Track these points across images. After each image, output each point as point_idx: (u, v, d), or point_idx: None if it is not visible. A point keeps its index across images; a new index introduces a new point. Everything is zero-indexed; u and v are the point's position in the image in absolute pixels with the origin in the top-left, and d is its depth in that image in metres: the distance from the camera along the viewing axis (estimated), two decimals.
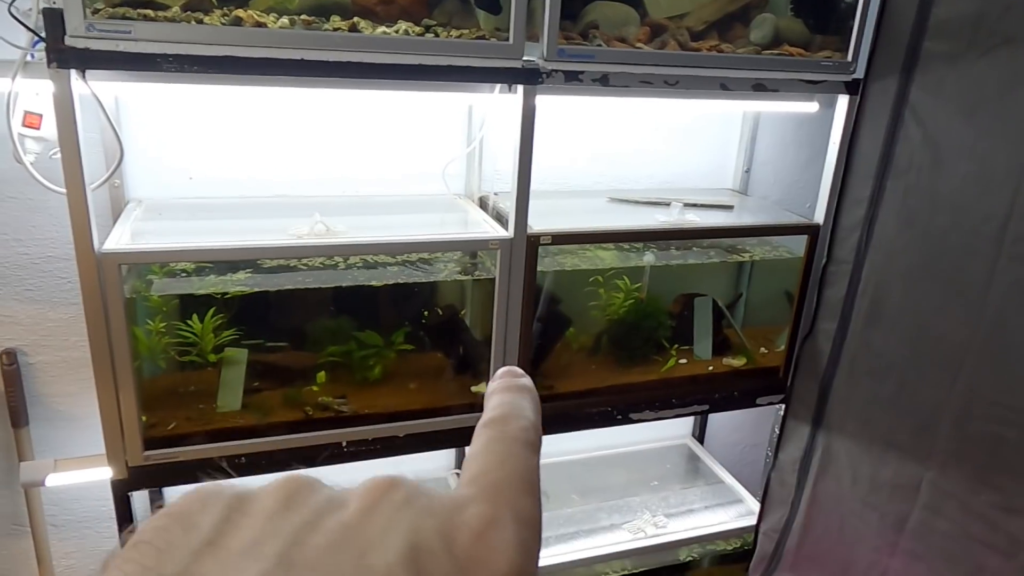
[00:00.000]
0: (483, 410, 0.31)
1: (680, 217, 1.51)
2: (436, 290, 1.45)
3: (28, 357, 1.46)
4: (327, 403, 1.38)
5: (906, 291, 1.30)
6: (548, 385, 1.52)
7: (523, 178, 1.29)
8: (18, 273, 1.40)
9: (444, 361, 1.47)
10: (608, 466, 1.98)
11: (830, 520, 1.49)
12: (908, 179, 1.28)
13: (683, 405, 1.62)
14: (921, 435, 1.27)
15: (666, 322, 1.60)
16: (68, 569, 1.63)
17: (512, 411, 0.30)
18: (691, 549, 1.78)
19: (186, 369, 1.30)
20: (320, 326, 1.39)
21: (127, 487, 1.26)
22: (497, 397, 0.32)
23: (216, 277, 1.30)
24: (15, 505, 1.54)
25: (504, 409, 0.30)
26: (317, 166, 1.51)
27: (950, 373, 1.20)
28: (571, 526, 1.72)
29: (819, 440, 1.52)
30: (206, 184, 1.46)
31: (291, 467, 1.35)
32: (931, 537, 1.26)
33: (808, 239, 1.55)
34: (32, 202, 1.36)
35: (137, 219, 1.31)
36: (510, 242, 1.32)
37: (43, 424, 1.50)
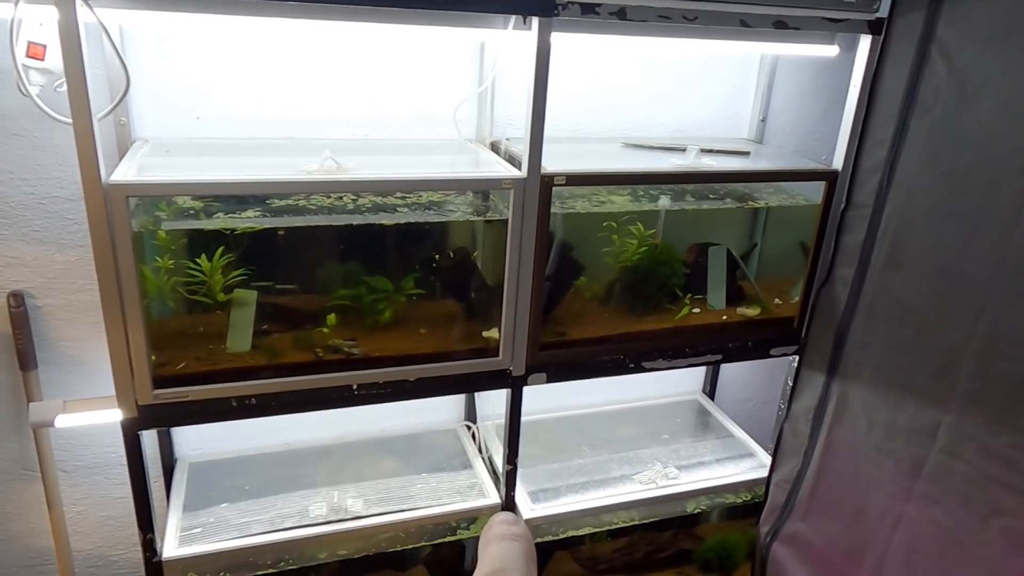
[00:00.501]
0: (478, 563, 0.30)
1: (696, 161, 1.48)
2: (447, 234, 1.43)
3: (36, 300, 1.44)
4: (337, 345, 1.36)
5: (928, 231, 1.27)
6: (560, 331, 1.50)
7: (537, 116, 1.26)
8: (24, 213, 1.38)
9: (455, 306, 1.46)
10: (619, 420, 1.97)
11: (844, 468, 1.47)
12: (933, 116, 1.25)
13: (696, 354, 1.60)
14: (940, 378, 1.25)
15: (680, 270, 1.58)
16: (79, 515, 1.63)
17: (506, 563, 0.29)
18: (702, 500, 1.77)
19: (195, 310, 1.29)
20: (330, 269, 1.37)
21: (136, 426, 1.25)
22: (492, 548, 0.31)
23: (225, 216, 1.27)
24: (25, 450, 1.53)
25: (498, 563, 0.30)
26: (327, 108, 1.48)
27: (972, 313, 1.18)
28: (582, 476, 1.71)
29: (834, 388, 1.51)
30: (214, 124, 1.43)
31: (301, 409, 1.34)
32: (948, 480, 1.25)
33: (826, 186, 1.52)
34: (37, 140, 1.33)
35: (144, 156, 1.29)
36: (523, 182, 1.30)
37: (52, 368, 1.49)
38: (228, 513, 1.50)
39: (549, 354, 1.47)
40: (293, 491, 1.58)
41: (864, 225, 1.41)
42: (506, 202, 1.33)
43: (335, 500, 1.53)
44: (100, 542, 1.68)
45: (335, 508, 1.51)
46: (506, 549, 0.29)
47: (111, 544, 1.69)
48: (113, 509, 1.65)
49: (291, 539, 1.43)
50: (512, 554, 0.28)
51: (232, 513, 1.50)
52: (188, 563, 1.38)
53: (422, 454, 1.75)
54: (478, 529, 1.61)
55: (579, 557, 1.80)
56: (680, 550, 1.87)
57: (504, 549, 0.29)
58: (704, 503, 1.80)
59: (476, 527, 1.61)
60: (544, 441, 1.85)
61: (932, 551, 1.27)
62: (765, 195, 1.65)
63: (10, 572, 1.63)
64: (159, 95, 1.38)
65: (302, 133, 1.48)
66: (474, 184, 1.38)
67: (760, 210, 1.69)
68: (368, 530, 1.48)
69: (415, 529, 1.54)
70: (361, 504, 1.53)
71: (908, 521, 1.32)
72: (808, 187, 1.61)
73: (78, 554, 1.65)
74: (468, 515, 1.57)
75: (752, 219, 1.71)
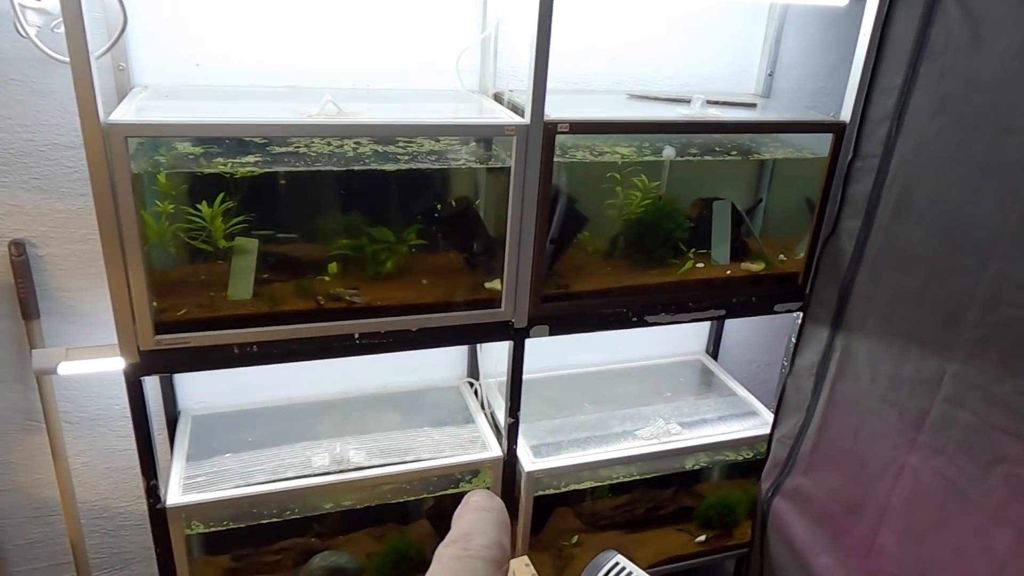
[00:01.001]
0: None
1: (701, 112, 1.46)
2: (449, 183, 1.42)
3: (37, 249, 1.44)
4: (339, 294, 1.36)
5: (937, 179, 1.25)
6: (563, 284, 1.50)
7: (541, 57, 1.24)
8: (24, 160, 1.37)
9: (457, 257, 1.45)
10: (621, 378, 1.97)
11: (846, 421, 1.47)
12: (944, 61, 1.23)
13: (699, 309, 1.59)
14: (946, 327, 1.24)
15: (684, 224, 1.56)
16: (83, 466, 1.64)
17: (475, 530, 0.29)
18: (704, 457, 1.78)
19: (196, 257, 1.28)
20: (331, 219, 1.36)
21: (139, 371, 1.26)
22: (464, 518, 0.30)
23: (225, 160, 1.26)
24: (29, 400, 1.54)
25: (467, 528, 0.29)
26: (328, 57, 1.47)
27: (980, 260, 1.17)
28: (584, 431, 1.71)
29: (838, 342, 1.50)
30: (213, 71, 1.41)
31: (303, 358, 1.34)
32: (951, 430, 1.24)
33: (833, 138, 1.51)
34: (36, 85, 1.32)
35: (143, 100, 1.28)
36: (527, 128, 1.28)
37: (54, 318, 1.49)
38: (231, 463, 1.51)
39: (551, 306, 1.46)
40: (296, 443, 1.58)
41: (871, 176, 1.39)
42: (509, 151, 1.31)
43: (337, 451, 1.53)
44: (105, 493, 1.69)
45: (337, 459, 1.52)
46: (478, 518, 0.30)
47: (116, 496, 1.70)
48: (117, 461, 1.66)
49: (294, 488, 1.44)
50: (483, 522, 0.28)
51: (235, 463, 1.51)
52: (191, 511, 1.39)
53: (424, 409, 1.75)
54: (480, 482, 1.62)
55: (580, 513, 1.81)
56: (681, 507, 1.88)
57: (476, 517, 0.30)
58: (706, 459, 1.80)
59: (478, 480, 1.62)
60: (546, 398, 1.85)
61: (934, 500, 1.27)
62: (771, 148, 1.63)
63: (16, 522, 1.64)
64: (158, 41, 1.37)
65: (303, 82, 1.47)
66: (476, 130, 1.36)
67: (766, 164, 1.67)
68: (370, 481, 1.49)
69: (418, 481, 1.55)
70: (364, 456, 1.54)
71: (910, 472, 1.32)
72: (814, 140, 1.59)
73: (83, 505, 1.67)
74: (470, 468, 1.58)
75: (758, 174, 1.69)
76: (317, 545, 1.60)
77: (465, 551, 0.24)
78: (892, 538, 1.36)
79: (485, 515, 0.26)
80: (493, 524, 0.26)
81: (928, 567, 1.28)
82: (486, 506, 0.26)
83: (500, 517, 0.26)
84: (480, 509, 0.26)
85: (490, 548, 0.24)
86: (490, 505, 0.26)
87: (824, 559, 1.50)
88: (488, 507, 0.26)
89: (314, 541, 1.60)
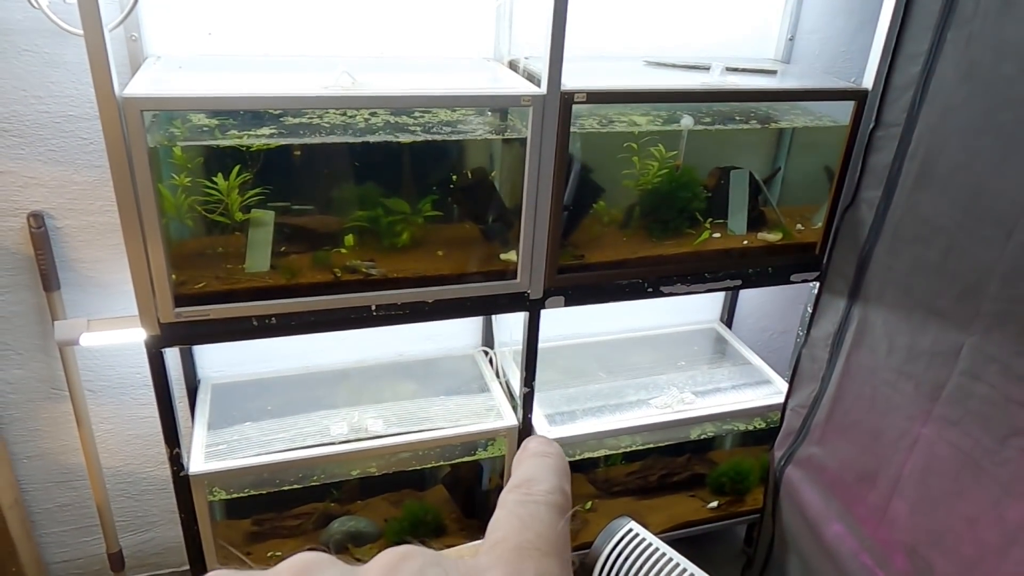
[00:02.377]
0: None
1: (721, 79, 1.43)
2: (465, 154, 1.41)
3: (55, 221, 1.45)
4: (356, 266, 1.36)
5: (961, 149, 1.23)
6: (578, 255, 1.49)
7: (558, 25, 1.22)
8: (39, 132, 1.37)
9: (473, 228, 1.45)
10: (636, 347, 1.97)
11: (862, 392, 1.47)
12: (972, 27, 1.19)
13: (715, 279, 1.59)
14: (966, 299, 1.23)
15: (701, 194, 1.55)
16: (106, 432, 1.68)
17: (537, 474, 0.29)
18: (717, 425, 1.79)
19: (213, 229, 1.29)
20: (346, 190, 1.36)
21: (160, 343, 1.27)
22: (524, 463, 0.30)
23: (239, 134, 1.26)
24: (52, 369, 1.57)
25: (529, 473, 0.29)
26: (341, 24, 1.45)
27: (1003, 231, 1.15)
28: (598, 400, 1.73)
29: (855, 313, 1.49)
30: (225, 41, 1.40)
31: (321, 329, 1.35)
32: (968, 402, 1.24)
33: (855, 105, 1.48)
34: (49, 55, 1.31)
35: (157, 71, 1.27)
36: (543, 98, 1.26)
37: (74, 289, 1.50)
38: (251, 432, 1.53)
39: (567, 277, 1.46)
40: (314, 411, 1.61)
41: (893, 145, 1.37)
42: (524, 121, 1.30)
43: (355, 420, 1.55)
44: (128, 459, 1.73)
45: (355, 428, 1.54)
46: (538, 464, 0.30)
47: (139, 461, 1.74)
48: (140, 428, 1.70)
49: (313, 456, 1.47)
50: (543, 467, 0.29)
51: (255, 431, 1.53)
52: (213, 478, 1.42)
53: (440, 378, 1.77)
54: (495, 450, 1.64)
55: (594, 479, 1.84)
56: (694, 474, 1.90)
57: (536, 464, 0.30)
58: (719, 428, 1.81)
59: (493, 448, 1.64)
60: (561, 367, 1.86)
61: (947, 472, 1.28)
62: (791, 116, 1.60)
63: (44, 486, 1.69)
64: (170, 10, 1.35)
65: (315, 50, 1.45)
66: (492, 100, 1.35)
67: (785, 132, 1.65)
68: (388, 449, 1.51)
69: (434, 449, 1.57)
70: (381, 424, 1.56)
71: (925, 443, 1.33)
72: (835, 108, 1.56)
73: (108, 470, 1.71)
74: (486, 436, 1.60)
75: (776, 142, 1.67)
76: (336, 510, 1.64)
77: (528, 496, 0.24)
78: (904, 507, 1.37)
79: (545, 461, 0.27)
80: (553, 470, 0.27)
81: (940, 536, 1.29)
82: (545, 452, 0.27)
83: (560, 463, 0.27)
84: (539, 455, 0.27)
85: (552, 493, 0.25)
86: (549, 451, 0.27)
87: (836, 527, 1.51)
88: (547, 452, 0.27)
89: (333, 506, 1.64)
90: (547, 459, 0.30)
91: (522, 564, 0.24)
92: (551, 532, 0.26)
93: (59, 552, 1.78)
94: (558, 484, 0.29)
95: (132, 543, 1.82)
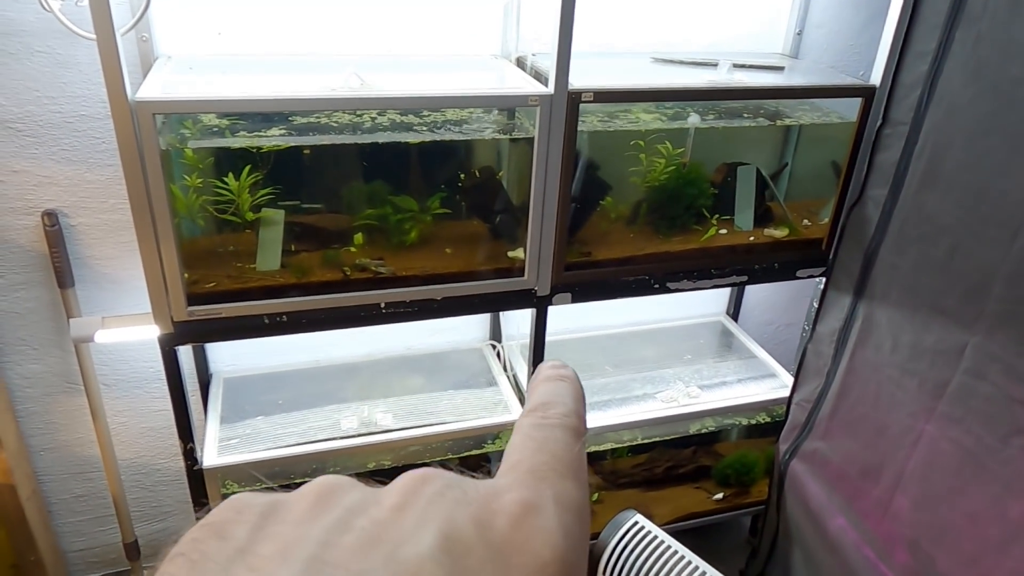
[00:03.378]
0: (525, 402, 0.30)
1: (728, 77, 1.44)
2: (472, 153, 1.42)
3: (69, 219, 1.47)
4: (365, 264, 1.38)
5: (968, 149, 1.23)
6: (585, 252, 1.50)
7: (565, 28, 1.22)
8: (52, 132, 1.39)
9: (481, 226, 1.46)
10: (642, 341, 1.99)
11: (866, 388, 1.49)
12: (980, 26, 1.19)
13: (722, 275, 1.60)
14: (970, 299, 1.24)
15: (708, 190, 1.55)
16: (121, 426, 1.71)
17: (553, 399, 0.29)
18: (723, 419, 1.81)
19: (225, 229, 1.30)
20: (355, 189, 1.37)
21: (173, 341, 1.29)
22: (540, 387, 0.30)
23: (248, 134, 1.27)
24: (67, 364, 1.59)
25: (545, 397, 0.29)
26: (349, 22, 1.45)
27: (1009, 232, 1.16)
28: (605, 394, 1.75)
29: (860, 310, 1.50)
30: (235, 40, 1.41)
31: (330, 327, 1.37)
32: (971, 401, 1.25)
33: (862, 102, 1.48)
34: (61, 56, 1.33)
35: (168, 73, 1.28)
36: (550, 98, 1.27)
37: (89, 286, 1.53)
38: (263, 426, 1.56)
39: (574, 274, 1.48)
40: (325, 406, 1.63)
41: (900, 143, 1.37)
42: (532, 120, 1.31)
43: (366, 414, 1.58)
44: (143, 451, 1.76)
45: (365, 422, 1.57)
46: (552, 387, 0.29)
47: (153, 453, 1.77)
48: (154, 421, 1.73)
49: (324, 450, 1.49)
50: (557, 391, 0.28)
51: (267, 426, 1.56)
52: (227, 471, 1.45)
53: (448, 372, 1.79)
54: (502, 444, 1.66)
55: (601, 471, 1.86)
56: (699, 466, 1.92)
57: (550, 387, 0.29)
58: (725, 422, 1.83)
59: (500, 442, 1.66)
60: (567, 361, 1.85)
61: (950, 468, 1.29)
62: (798, 112, 1.60)
63: (60, 478, 1.72)
64: (179, 11, 1.36)
65: (323, 48, 1.46)
66: (500, 101, 1.36)
67: (792, 128, 1.65)
68: (397, 443, 1.54)
69: (443, 443, 1.60)
70: (391, 418, 1.58)
71: (928, 440, 1.34)
72: (842, 104, 1.56)
73: (123, 462, 1.74)
74: (493, 430, 1.62)
75: (783, 138, 1.67)
76: None
77: (544, 419, 0.25)
78: (907, 503, 1.39)
79: (559, 384, 0.27)
80: (568, 393, 0.27)
81: (942, 532, 1.31)
82: (559, 375, 0.27)
83: (574, 386, 0.27)
84: (553, 379, 0.27)
85: (568, 417, 0.25)
86: (563, 374, 0.27)
87: (839, 520, 1.53)
88: (562, 376, 0.27)
89: None
90: (562, 383, 0.31)
91: (538, 486, 0.24)
92: (567, 454, 0.26)
93: (76, 541, 1.82)
94: (573, 407, 0.29)
95: (147, 532, 1.86)
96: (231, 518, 0.22)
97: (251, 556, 0.20)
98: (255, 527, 0.22)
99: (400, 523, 0.21)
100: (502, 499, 0.23)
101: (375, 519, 0.22)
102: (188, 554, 0.20)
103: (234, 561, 0.20)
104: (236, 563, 0.20)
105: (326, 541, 0.21)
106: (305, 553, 0.20)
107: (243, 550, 0.21)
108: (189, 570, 0.20)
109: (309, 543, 0.21)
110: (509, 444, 0.27)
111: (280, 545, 0.21)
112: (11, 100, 1.34)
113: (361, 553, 0.20)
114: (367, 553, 0.20)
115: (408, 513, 0.22)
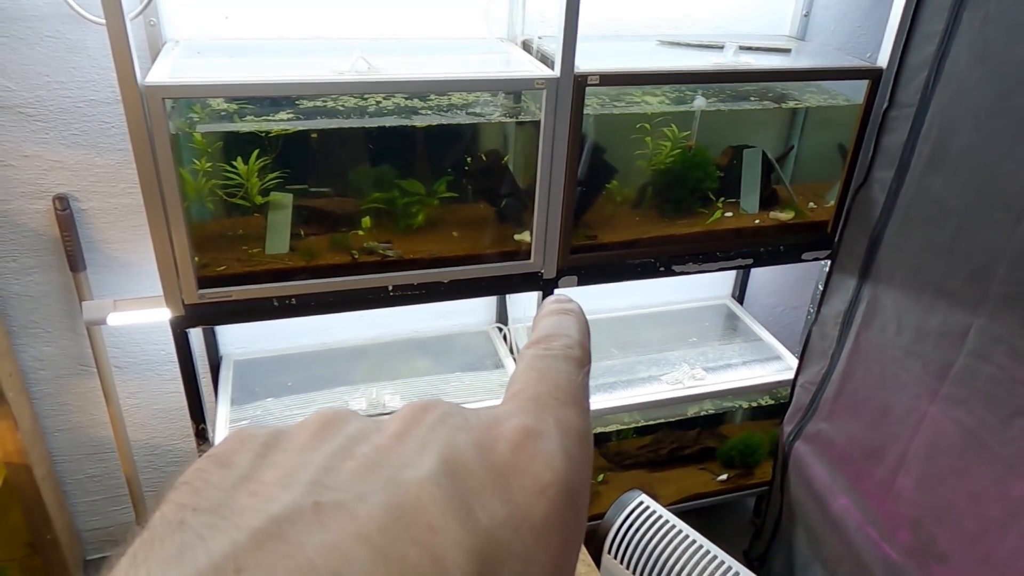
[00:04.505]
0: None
1: (734, 59, 1.43)
2: (479, 137, 1.42)
3: (80, 203, 1.48)
4: (373, 248, 1.39)
5: (975, 131, 1.23)
6: (591, 235, 1.51)
7: (571, 11, 1.23)
8: (63, 117, 1.40)
9: (487, 209, 1.47)
10: (647, 323, 2.00)
11: (870, 370, 1.50)
12: (988, 8, 1.19)
13: (727, 259, 1.61)
14: (975, 281, 1.25)
15: (713, 173, 1.56)
16: (134, 407, 1.73)
17: (556, 330, 0.29)
18: (727, 401, 1.82)
19: (234, 212, 1.31)
20: (362, 172, 1.38)
21: (185, 323, 1.31)
22: (544, 320, 0.31)
23: (256, 118, 1.28)
24: (80, 346, 1.62)
25: (549, 329, 0.29)
26: (354, 7, 1.45)
27: (1014, 214, 1.16)
28: (610, 376, 1.76)
29: (865, 292, 1.51)
30: (242, 24, 1.41)
31: (339, 309, 1.39)
32: (975, 382, 1.26)
33: (869, 84, 1.47)
34: (70, 41, 1.33)
35: (176, 57, 1.29)
36: (556, 82, 1.28)
37: (100, 269, 1.54)
38: (274, 407, 1.58)
39: (580, 257, 1.49)
40: (333, 387, 1.65)
41: (907, 126, 1.37)
42: (538, 103, 1.31)
43: (374, 396, 1.60)
44: (155, 432, 1.79)
45: (374, 403, 1.59)
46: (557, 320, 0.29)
47: (165, 435, 1.80)
48: (165, 403, 1.75)
49: None
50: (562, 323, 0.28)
51: (277, 407, 1.58)
52: None
53: (455, 354, 1.81)
54: None
55: (606, 453, 1.88)
56: (704, 448, 1.94)
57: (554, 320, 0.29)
58: (729, 404, 1.84)
59: None
60: None
61: (953, 449, 1.31)
62: (805, 94, 1.60)
63: (74, 458, 1.75)
64: None
65: (330, 31, 1.46)
66: (506, 84, 1.36)
67: (798, 111, 1.65)
68: None
69: None
70: (398, 400, 1.60)
71: (931, 421, 1.35)
72: (849, 86, 1.55)
73: (135, 443, 1.77)
74: None
75: (790, 120, 1.67)
76: None
77: (547, 350, 0.25)
78: (910, 483, 1.40)
79: (564, 317, 0.27)
80: (572, 325, 0.27)
81: (944, 512, 1.33)
82: (564, 308, 0.27)
83: (579, 319, 0.27)
84: (558, 312, 0.27)
85: (571, 348, 0.25)
86: (568, 307, 0.27)
87: (842, 500, 1.55)
88: (567, 309, 0.27)
89: None
90: (566, 316, 0.31)
91: (540, 412, 0.24)
92: (569, 383, 0.26)
93: (91, 520, 1.85)
94: (577, 339, 0.29)
95: None
96: (235, 448, 0.23)
97: (253, 482, 0.21)
98: (258, 455, 0.22)
99: (401, 449, 0.22)
100: (503, 425, 0.23)
101: (376, 445, 0.22)
102: (192, 482, 0.21)
103: (237, 487, 0.21)
104: (239, 489, 0.21)
105: (328, 466, 0.21)
106: (306, 478, 0.21)
107: (246, 476, 0.21)
108: (193, 496, 0.20)
109: (310, 468, 0.21)
110: (512, 375, 0.27)
111: (282, 471, 0.21)
112: (21, 85, 1.35)
113: (362, 477, 0.21)
114: (368, 477, 0.21)
115: (409, 439, 0.22)
